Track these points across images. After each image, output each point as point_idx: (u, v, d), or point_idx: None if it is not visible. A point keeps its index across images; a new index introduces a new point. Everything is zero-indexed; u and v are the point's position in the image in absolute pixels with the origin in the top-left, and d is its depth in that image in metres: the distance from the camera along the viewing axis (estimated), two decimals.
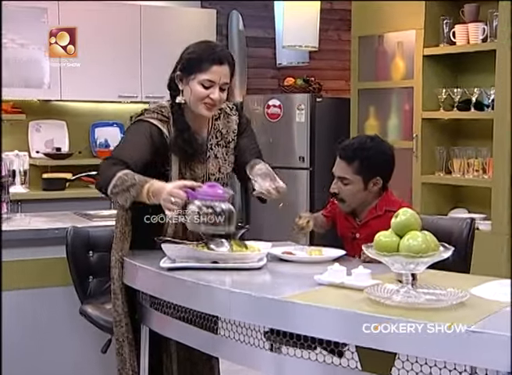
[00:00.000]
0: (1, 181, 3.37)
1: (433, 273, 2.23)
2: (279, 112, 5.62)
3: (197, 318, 2.26)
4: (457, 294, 1.86)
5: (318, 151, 5.53)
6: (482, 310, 1.78)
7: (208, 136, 2.69)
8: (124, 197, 2.41)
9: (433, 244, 1.87)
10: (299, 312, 1.88)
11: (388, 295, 1.87)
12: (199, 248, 2.39)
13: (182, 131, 2.59)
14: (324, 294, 1.99)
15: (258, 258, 2.40)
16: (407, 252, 1.82)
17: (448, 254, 1.89)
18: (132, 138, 2.61)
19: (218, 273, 2.30)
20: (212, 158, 2.69)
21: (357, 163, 2.67)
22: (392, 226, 1.90)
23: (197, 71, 2.54)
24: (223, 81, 2.57)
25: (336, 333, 1.83)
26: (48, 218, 3.61)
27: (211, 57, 2.55)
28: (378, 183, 2.70)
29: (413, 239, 1.84)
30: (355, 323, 1.77)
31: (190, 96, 2.57)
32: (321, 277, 2.09)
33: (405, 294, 1.87)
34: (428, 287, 1.93)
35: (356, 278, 2.03)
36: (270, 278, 2.31)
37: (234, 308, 2.03)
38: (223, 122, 2.74)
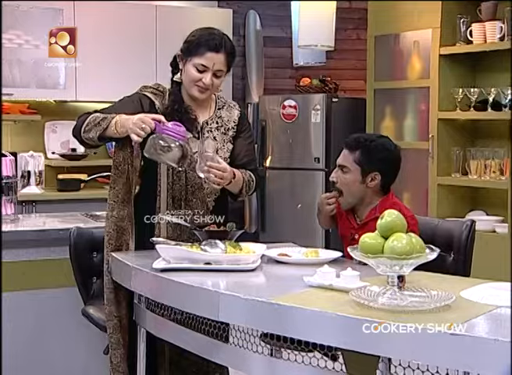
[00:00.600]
0: (0, 182, 3.41)
1: (428, 276, 2.25)
2: (294, 113, 5.64)
3: (193, 321, 2.29)
4: (443, 297, 1.86)
5: (333, 152, 5.52)
6: (467, 313, 1.78)
7: (209, 120, 2.83)
8: (94, 131, 2.62)
9: (418, 246, 1.88)
10: (283, 314, 1.90)
11: (373, 298, 1.88)
12: (193, 249, 2.42)
13: (174, 101, 2.76)
14: (311, 296, 2.00)
15: (253, 259, 2.42)
16: (391, 254, 1.83)
17: (433, 256, 1.90)
18: (118, 102, 2.80)
19: (213, 274, 2.33)
20: (211, 139, 2.81)
21: (359, 152, 2.72)
22: (377, 228, 1.91)
23: (194, 54, 2.71)
24: (217, 68, 2.71)
25: (317, 335, 1.84)
26: (54, 218, 3.67)
27: (208, 43, 2.70)
28: (376, 178, 2.72)
29: (397, 241, 1.84)
30: (337, 325, 1.79)
31: (185, 76, 2.74)
32: (311, 279, 2.10)
33: (390, 296, 1.88)
34: (416, 290, 1.94)
35: (344, 280, 2.04)
36: (262, 280, 2.33)
37: (223, 310, 2.05)
38: (226, 112, 2.88)
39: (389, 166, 2.75)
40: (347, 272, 2.06)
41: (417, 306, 1.83)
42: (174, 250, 2.41)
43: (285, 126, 5.70)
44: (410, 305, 1.85)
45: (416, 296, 1.90)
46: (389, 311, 1.81)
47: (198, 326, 2.27)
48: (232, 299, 2.02)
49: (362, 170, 2.72)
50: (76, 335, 3.36)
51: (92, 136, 2.63)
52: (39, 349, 3.37)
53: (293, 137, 5.64)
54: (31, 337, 3.36)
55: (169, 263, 2.39)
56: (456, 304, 1.85)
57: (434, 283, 2.09)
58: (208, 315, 2.13)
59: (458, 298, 1.91)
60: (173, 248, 2.42)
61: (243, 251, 2.44)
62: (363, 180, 2.72)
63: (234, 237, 2.63)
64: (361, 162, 2.71)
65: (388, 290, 1.90)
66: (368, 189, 2.74)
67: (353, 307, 1.86)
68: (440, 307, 1.82)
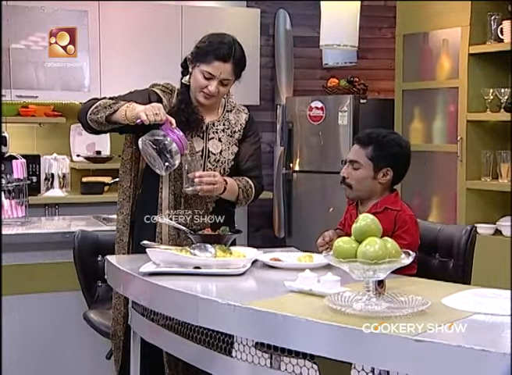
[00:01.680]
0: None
1: (415, 282, 2.26)
2: (321, 115, 5.65)
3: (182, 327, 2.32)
4: (419, 303, 1.87)
5: None
6: (441, 319, 1.78)
7: (216, 121, 2.90)
8: (103, 112, 2.69)
9: (394, 251, 1.89)
10: (258, 319, 1.93)
11: (348, 303, 1.90)
12: (182, 253, 2.46)
13: (182, 101, 2.83)
14: (289, 301, 2.03)
15: (243, 264, 2.45)
16: (363, 259, 1.84)
17: (408, 261, 1.91)
18: (128, 93, 2.87)
19: (202, 278, 2.37)
20: (216, 140, 2.88)
21: (371, 148, 2.76)
22: (352, 232, 1.92)
23: (202, 61, 2.78)
24: (223, 77, 2.77)
25: (288, 341, 1.87)
26: (63, 221, 3.76)
27: (216, 52, 2.76)
28: (388, 174, 2.76)
29: (370, 245, 1.86)
30: (307, 330, 1.81)
31: (192, 81, 2.82)
32: (292, 284, 2.13)
33: (366, 301, 1.89)
34: (395, 296, 1.95)
35: (324, 285, 2.06)
36: (249, 284, 2.36)
37: (201, 315, 2.09)
38: (234, 115, 2.95)
39: (401, 162, 2.80)
40: (327, 277, 2.08)
41: (391, 312, 1.84)
42: (164, 254, 2.45)
43: (312, 128, 5.72)
44: (385, 311, 1.86)
45: (393, 302, 1.91)
46: (362, 317, 1.83)
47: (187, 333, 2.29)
48: (210, 304, 2.06)
49: (374, 166, 2.76)
50: (82, 339, 3.43)
51: (100, 116, 2.69)
52: (46, 352, 3.46)
53: (319, 140, 5.64)
54: (38, 340, 3.45)
55: (159, 267, 2.43)
56: (432, 310, 1.86)
57: (418, 290, 2.10)
58: (188, 319, 2.17)
59: (437, 305, 1.92)
60: (163, 251, 2.46)
61: (233, 255, 2.48)
62: (375, 175, 2.77)
63: (229, 240, 2.67)
64: (374, 157, 2.76)
65: (363, 295, 1.91)
66: (379, 185, 2.78)
67: (327, 312, 1.87)
68: (415, 313, 1.83)
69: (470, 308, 1.88)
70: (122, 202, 2.87)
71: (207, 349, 2.21)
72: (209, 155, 2.86)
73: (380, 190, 2.78)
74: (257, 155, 2.98)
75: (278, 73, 6.36)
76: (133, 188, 2.86)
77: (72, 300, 3.41)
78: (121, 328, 2.82)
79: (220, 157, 2.87)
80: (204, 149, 2.85)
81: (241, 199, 2.86)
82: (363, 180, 2.77)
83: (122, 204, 2.87)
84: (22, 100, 5.56)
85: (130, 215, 2.86)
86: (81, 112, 2.79)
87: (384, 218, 2.64)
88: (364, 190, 2.79)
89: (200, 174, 2.69)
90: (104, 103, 2.73)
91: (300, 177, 5.93)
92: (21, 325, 3.44)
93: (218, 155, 2.87)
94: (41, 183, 5.47)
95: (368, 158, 2.76)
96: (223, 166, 2.87)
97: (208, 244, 2.49)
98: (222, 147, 2.88)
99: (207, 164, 2.84)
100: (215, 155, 2.86)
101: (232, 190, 2.81)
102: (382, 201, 2.77)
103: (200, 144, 2.85)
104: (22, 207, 3.72)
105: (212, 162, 2.85)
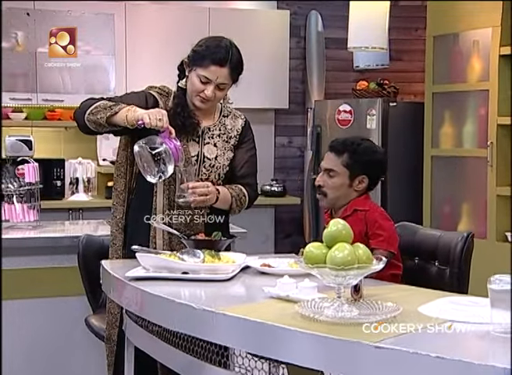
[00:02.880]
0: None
1: (399, 289, 2.28)
2: (349, 118, 5.66)
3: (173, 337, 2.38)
4: (392, 309, 1.90)
5: (390, 160, 5.47)
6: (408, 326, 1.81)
7: (212, 126, 2.96)
8: (103, 113, 2.73)
9: (364, 257, 1.92)
10: (228, 324, 1.98)
11: (319, 310, 1.93)
12: (171, 257, 2.52)
13: (178, 105, 2.89)
14: (263, 307, 2.07)
15: (232, 269, 2.50)
16: (331, 265, 1.87)
17: (380, 266, 1.93)
18: (125, 95, 2.95)
19: (190, 284, 2.42)
20: (211, 145, 2.94)
21: (346, 156, 2.84)
22: (323, 238, 1.96)
23: (198, 65, 2.83)
24: (220, 81, 2.83)
25: (255, 346, 1.92)
26: (75, 226, 3.86)
27: (213, 56, 2.82)
28: (363, 181, 2.83)
29: (339, 251, 1.89)
30: (272, 336, 1.86)
31: (189, 85, 2.87)
32: (271, 290, 2.17)
33: (338, 308, 1.92)
34: (370, 302, 1.98)
35: (301, 291, 2.10)
36: (234, 290, 2.40)
37: (176, 319, 2.15)
38: (230, 121, 3.01)
39: (376, 169, 2.88)
40: (305, 283, 2.12)
41: (361, 319, 1.87)
42: (153, 259, 2.51)
43: (340, 133, 5.71)
44: (356, 317, 1.89)
45: (366, 308, 1.94)
46: (330, 323, 1.86)
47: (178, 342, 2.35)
48: (185, 309, 2.11)
49: (350, 174, 2.82)
50: (89, 344, 3.50)
51: (100, 117, 2.73)
52: (52, 356, 3.57)
53: None
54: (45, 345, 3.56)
55: (148, 272, 2.50)
56: (404, 317, 1.88)
57: (398, 297, 2.12)
58: (165, 324, 2.23)
59: (412, 312, 1.94)
60: (151, 256, 2.53)
61: (221, 260, 2.53)
62: (350, 183, 2.85)
63: (223, 246, 2.73)
64: (349, 165, 2.83)
65: (335, 302, 1.94)
66: (354, 192, 2.86)
67: (296, 319, 1.91)
68: (385, 320, 1.85)
69: (444, 315, 1.90)
70: (116, 206, 2.94)
71: (198, 360, 2.26)
72: (204, 159, 2.91)
73: (355, 197, 2.85)
74: (252, 162, 3.03)
75: (309, 76, 6.40)
76: (127, 192, 2.93)
77: (79, 305, 3.49)
78: (115, 332, 2.89)
79: (215, 162, 2.92)
80: (200, 154, 2.91)
81: (234, 208, 2.91)
82: (339, 188, 2.84)
83: (116, 207, 2.94)
84: (48, 104, 5.72)
85: (124, 218, 2.93)
86: (79, 111, 2.84)
87: (355, 220, 2.72)
88: (340, 198, 2.86)
89: (194, 185, 2.73)
90: (104, 104, 2.78)
91: None
92: (28, 330, 3.55)
93: (214, 161, 2.92)
94: (66, 188, 5.61)
95: (343, 166, 2.83)
96: (218, 172, 2.92)
97: (198, 250, 2.55)
98: (217, 152, 2.94)
99: (201, 169, 2.90)
100: (210, 160, 2.91)
101: (224, 199, 2.86)
102: (351, 204, 2.84)
103: (195, 148, 2.91)
104: (34, 211, 3.83)
105: (207, 167, 2.91)
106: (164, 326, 2.27)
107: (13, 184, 3.80)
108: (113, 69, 5.78)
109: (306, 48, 6.46)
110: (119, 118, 2.73)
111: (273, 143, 6.46)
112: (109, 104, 2.78)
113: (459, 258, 2.70)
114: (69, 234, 3.59)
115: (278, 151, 6.47)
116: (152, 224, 2.80)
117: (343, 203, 2.84)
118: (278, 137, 6.47)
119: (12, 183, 3.81)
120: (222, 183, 2.95)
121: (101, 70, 5.80)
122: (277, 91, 6.15)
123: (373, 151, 2.88)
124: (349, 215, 2.79)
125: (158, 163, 2.69)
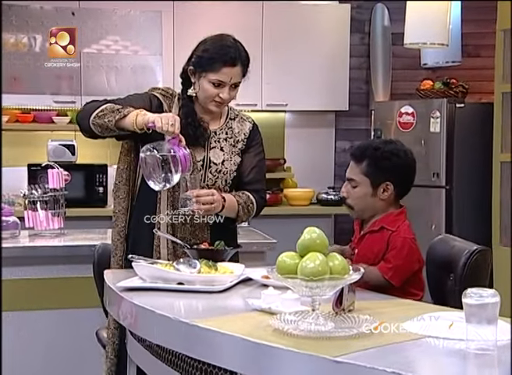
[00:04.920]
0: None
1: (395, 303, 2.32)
2: (411, 121, 5.65)
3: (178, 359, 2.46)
4: (367, 323, 1.93)
5: (456, 167, 5.49)
6: (381, 341, 1.86)
7: (218, 130, 3.03)
8: (111, 116, 2.79)
9: (340, 268, 1.96)
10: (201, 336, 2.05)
11: (293, 324, 1.98)
12: (167, 267, 2.61)
13: (187, 115, 2.95)
14: (241, 320, 2.13)
15: (230, 280, 2.58)
16: (300, 275, 1.92)
17: (355, 277, 1.97)
18: (128, 96, 3.02)
19: (185, 295, 2.51)
20: (218, 149, 3.01)
21: (365, 163, 2.80)
22: (297, 247, 2.01)
23: (208, 70, 2.90)
24: (234, 81, 2.92)
25: (224, 359, 1.99)
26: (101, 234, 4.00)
27: (223, 58, 2.89)
28: (388, 189, 2.78)
29: (310, 261, 1.94)
30: (240, 349, 1.93)
31: (201, 92, 2.94)
32: (254, 302, 2.24)
33: (312, 320, 1.97)
34: (350, 316, 2.02)
35: (283, 304, 2.16)
36: (226, 302, 2.45)
37: (157, 331, 2.24)
38: (237, 124, 3.09)
39: (400, 174, 2.80)
40: (287, 295, 2.17)
41: (334, 332, 1.91)
42: (148, 269, 2.61)
43: (401, 137, 5.70)
44: (330, 331, 1.93)
45: (343, 322, 1.98)
46: (300, 337, 1.91)
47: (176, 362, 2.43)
48: (164, 320, 2.19)
49: (372, 182, 2.79)
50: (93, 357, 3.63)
51: (108, 120, 2.80)
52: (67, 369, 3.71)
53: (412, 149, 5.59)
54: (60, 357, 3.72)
55: (144, 282, 2.60)
56: (380, 332, 1.92)
57: (390, 312, 2.18)
58: (146, 336, 2.32)
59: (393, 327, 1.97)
60: (147, 266, 2.62)
61: (218, 271, 2.60)
62: (374, 192, 2.79)
63: (228, 256, 2.81)
64: (369, 173, 2.79)
65: (311, 315, 1.99)
66: (381, 201, 2.80)
67: (268, 331, 1.97)
68: (359, 333, 1.90)
69: (424, 331, 1.93)
70: (118, 214, 3.04)
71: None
72: (210, 165, 2.98)
73: (383, 206, 2.80)
74: (260, 167, 3.08)
75: (373, 75, 6.41)
76: (129, 199, 3.03)
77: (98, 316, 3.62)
78: (113, 348, 2.99)
79: (222, 167, 3.00)
80: (206, 159, 2.98)
81: (241, 216, 2.97)
82: (363, 199, 2.80)
83: (118, 216, 3.04)
84: None
85: (127, 227, 3.03)
86: (82, 114, 2.92)
87: (379, 237, 2.71)
88: (366, 209, 2.82)
89: (198, 193, 2.79)
90: (110, 107, 2.85)
91: None
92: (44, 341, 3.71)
93: (220, 166, 3.00)
94: (108, 194, 5.78)
95: (363, 175, 2.79)
96: (225, 177, 3.00)
97: (195, 260, 2.63)
98: (224, 157, 3.01)
99: (208, 174, 2.97)
100: (216, 166, 2.99)
101: (230, 207, 2.91)
102: (381, 219, 2.79)
103: (201, 153, 2.98)
104: (58, 218, 3.99)
105: (213, 172, 2.98)
106: (146, 338, 2.36)
107: (37, 190, 3.97)
108: (160, 69, 5.95)
109: (370, 45, 6.47)
110: (127, 121, 2.80)
111: (333, 148, 6.49)
112: (116, 107, 2.85)
113: (460, 276, 2.70)
114: (87, 243, 3.71)
115: (338, 156, 6.49)
116: (156, 233, 2.89)
117: (372, 214, 2.81)
118: (339, 142, 6.50)
119: (36, 190, 3.97)
120: (230, 189, 3.02)
121: (148, 71, 5.98)
122: (335, 92, 6.20)
123: (394, 154, 2.81)
124: (376, 230, 2.77)
125: (165, 170, 2.75)
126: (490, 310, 1.76)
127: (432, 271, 2.91)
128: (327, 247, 2.01)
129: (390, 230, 2.73)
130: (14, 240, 3.85)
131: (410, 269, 2.69)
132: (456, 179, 5.49)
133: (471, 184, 5.50)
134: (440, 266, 2.87)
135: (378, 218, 2.81)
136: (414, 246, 2.73)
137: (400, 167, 2.81)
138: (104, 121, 2.82)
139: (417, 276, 2.75)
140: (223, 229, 2.95)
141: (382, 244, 2.72)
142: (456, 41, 6.04)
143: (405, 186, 2.84)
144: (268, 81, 6.01)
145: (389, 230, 2.74)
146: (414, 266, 2.71)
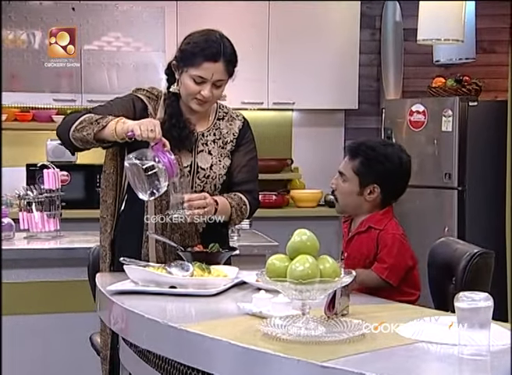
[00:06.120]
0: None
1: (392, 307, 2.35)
2: (423, 120, 5.66)
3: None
4: (358, 327, 1.96)
5: (469, 167, 5.49)
6: (372, 345, 1.88)
7: (206, 131, 3.01)
8: (90, 128, 2.75)
9: (331, 271, 1.98)
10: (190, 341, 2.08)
11: (283, 328, 2.00)
12: (159, 270, 2.64)
13: (171, 115, 2.93)
14: (231, 324, 2.16)
15: (224, 283, 2.60)
16: (290, 278, 1.94)
17: (347, 280, 1.99)
18: (109, 102, 3.00)
19: (177, 298, 2.54)
20: (206, 153, 2.99)
21: (358, 161, 2.82)
22: (286, 249, 2.03)
23: (189, 65, 2.88)
24: (216, 78, 2.87)
25: (212, 365, 2.01)
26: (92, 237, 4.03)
27: (204, 53, 2.86)
28: (375, 191, 2.80)
29: (300, 263, 1.96)
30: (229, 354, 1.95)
31: (182, 89, 2.92)
32: (245, 306, 2.26)
33: (302, 325, 1.99)
34: (341, 320, 2.04)
35: (274, 308, 2.18)
36: (218, 306, 2.47)
37: (146, 336, 2.27)
38: (226, 124, 3.06)
39: (389, 181, 2.80)
40: (278, 299, 2.19)
41: (324, 337, 1.94)
42: (140, 272, 2.64)
43: (412, 136, 5.73)
44: (320, 335, 1.95)
45: (334, 326, 2.01)
46: (289, 341, 1.93)
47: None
48: (153, 324, 2.22)
49: (360, 181, 2.81)
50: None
51: (86, 133, 2.75)
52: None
53: (419, 149, 5.61)
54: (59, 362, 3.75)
55: (137, 286, 2.63)
56: (372, 336, 1.94)
57: (385, 316, 2.19)
58: (135, 341, 2.35)
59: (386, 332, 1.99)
60: (139, 269, 2.65)
61: (212, 274, 2.63)
62: (360, 191, 2.81)
63: (223, 259, 2.83)
64: (360, 171, 2.81)
65: (301, 319, 2.01)
66: (365, 202, 2.82)
67: (257, 336, 1.99)
68: (350, 338, 1.92)
69: (418, 336, 1.94)
70: (106, 219, 3.02)
71: None
72: (198, 170, 2.95)
73: (368, 207, 2.82)
74: (251, 166, 3.06)
75: (384, 72, 6.42)
76: (117, 204, 3.01)
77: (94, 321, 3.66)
78: (108, 354, 3.02)
79: (210, 172, 2.97)
80: (193, 164, 2.95)
81: (234, 218, 2.95)
82: (348, 195, 2.83)
83: (106, 221, 3.02)
84: (94, 105, 5.93)
85: (112, 233, 3.02)
86: (62, 128, 2.89)
87: (367, 238, 2.75)
88: (349, 205, 2.86)
89: (190, 197, 2.77)
90: (89, 118, 2.80)
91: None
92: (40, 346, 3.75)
93: (208, 171, 2.97)
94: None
95: (353, 172, 2.81)
96: (214, 183, 2.97)
97: (188, 263, 2.66)
98: (212, 161, 2.98)
99: (195, 180, 2.95)
100: (204, 171, 2.96)
101: (223, 210, 2.89)
102: (368, 219, 2.82)
103: (188, 158, 2.95)
104: (54, 220, 4.03)
105: (201, 178, 2.96)
106: (135, 343, 2.39)
107: (33, 191, 4.00)
108: (163, 66, 5.94)
109: (381, 41, 6.48)
110: (107, 132, 2.75)
111: (342, 147, 6.48)
112: (95, 117, 2.79)
113: (461, 277, 2.71)
114: (83, 245, 3.73)
115: None
116: (150, 235, 2.91)
117: (355, 212, 2.85)
118: (348, 141, 6.49)
119: (32, 190, 4.01)
120: (219, 194, 2.98)
121: (151, 68, 6.00)
122: (344, 90, 6.21)
123: (389, 159, 2.80)
124: (363, 231, 2.79)
125: (151, 179, 2.72)
126: (483, 314, 1.77)
127: (434, 274, 2.93)
128: (317, 249, 2.02)
129: (378, 229, 2.76)
130: (8, 242, 3.88)
131: (404, 265, 2.71)
132: (468, 180, 5.49)
133: (484, 186, 5.50)
134: (442, 269, 2.89)
135: (364, 218, 2.83)
136: (404, 242, 2.76)
137: (390, 173, 2.80)
138: (83, 134, 2.78)
139: (413, 275, 2.76)
140: (215, 233, 2.95)
141: (371, 244, 2.75)
142: (470, 37, 6.03)
143: (393, 193, 2.85)
144: (275, 79, 6.04)
145: (376, 229, 2.77)
146: (407, 262, 2.73)
